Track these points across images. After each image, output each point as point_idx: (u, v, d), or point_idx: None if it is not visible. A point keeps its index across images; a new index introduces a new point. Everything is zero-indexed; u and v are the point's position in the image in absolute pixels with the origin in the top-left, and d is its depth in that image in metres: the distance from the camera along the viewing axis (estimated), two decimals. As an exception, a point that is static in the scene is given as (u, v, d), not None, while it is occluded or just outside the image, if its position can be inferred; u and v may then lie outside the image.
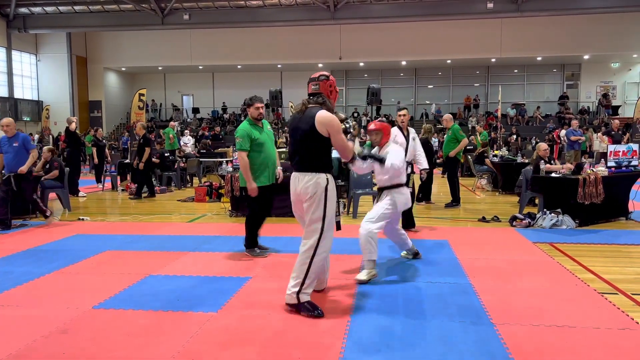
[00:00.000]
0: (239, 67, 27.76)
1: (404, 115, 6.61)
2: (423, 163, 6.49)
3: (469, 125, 25.17)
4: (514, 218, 7.31)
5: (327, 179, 3.76)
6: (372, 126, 5.05)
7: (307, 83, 3.89)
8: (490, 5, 20.33)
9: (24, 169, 7.25)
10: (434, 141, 20.58)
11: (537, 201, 8.35)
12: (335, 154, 12.90)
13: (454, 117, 24.47)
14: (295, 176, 3.81)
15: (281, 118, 27.51)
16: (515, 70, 28.16)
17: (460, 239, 6.33)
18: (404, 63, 27.26)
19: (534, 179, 7.78)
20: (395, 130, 6.25)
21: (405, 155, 5.85)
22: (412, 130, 6.59)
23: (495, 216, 7.75)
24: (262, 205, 5.40)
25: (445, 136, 9.80)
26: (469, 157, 13.44)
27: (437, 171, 15.89)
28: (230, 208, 8.27)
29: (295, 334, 3.33)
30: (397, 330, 3.36)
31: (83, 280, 4.59)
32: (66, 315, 3.66)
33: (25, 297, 4.12)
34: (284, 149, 13.82)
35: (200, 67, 28.00)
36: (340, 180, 10.52)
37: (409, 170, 6.29)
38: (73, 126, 11.33)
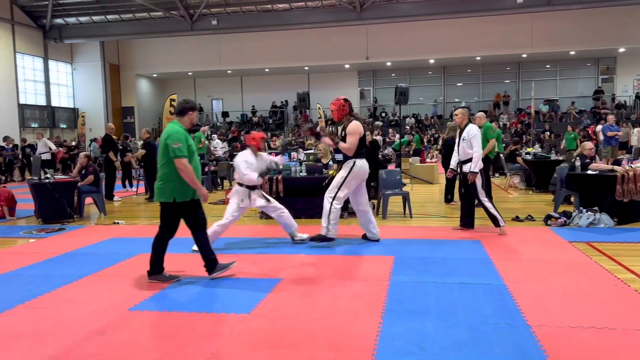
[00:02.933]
0: (266, 70, 27.98)
1: (456, 115, 6.81)
2: (451, 163, 6.87)
3: (500, 123, 24.72)
4: (548, 217, 7.14)
5: None
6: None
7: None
8: (520, 0, 19.92)
9: None
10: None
11: (572, 199, 8.14)
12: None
13: (485, 114, 24.11)
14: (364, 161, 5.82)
15: (309, 120, 27.60)
16: (548, 66, 27.50)
17: (493, 238, 6.21)
18: (432, 61, 26.96)
19: (569, 176, 7.58)
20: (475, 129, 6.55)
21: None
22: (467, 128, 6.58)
23: (529, 215, 7.58)
24: (183, 223, 4.71)
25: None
26: (501, 155, 13.20)
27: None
28: (259, 210, 8.32)
29: (326, 335, 3.32)
30: (429, 332, 3.32)
31: (118, 282, 4.70)
32: (103, 317, 3.75)
33: (64, 300, 4.24)
34: (312, 151, 13.85)
35: (229, 72, 28.33)
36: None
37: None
38: (145, 133, 11.66)
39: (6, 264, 5.46)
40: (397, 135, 20.99)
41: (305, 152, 12.65)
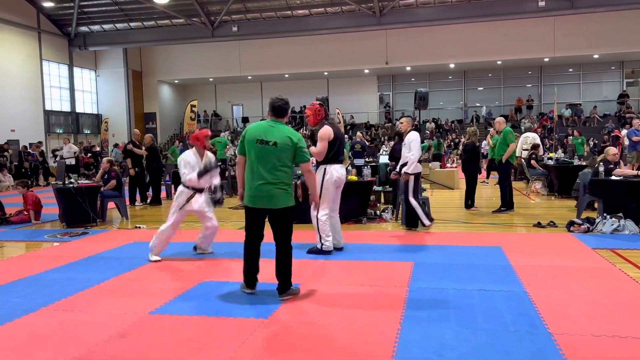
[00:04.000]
0: (286, 75, 28.15)
1: (402, 123, 7.55)
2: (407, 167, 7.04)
3: (522, 128, 24.42)
4: (571, 223, 7.01)
5: None
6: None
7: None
8: (542, 3, 19.67)
9: None
10: (485, 144, 20.07)
11: (596, 205, 7.99)
12: (383, 159, 12.77)
13: (506, 119, 23.82)
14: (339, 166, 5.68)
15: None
16: (570, 70, 27.10)
17: (514, 244, 6.13)
18: (452, 66, 26.80)
19: (592, 182, 7.45)
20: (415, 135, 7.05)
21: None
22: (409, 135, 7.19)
23: (551, 221, 7.46)
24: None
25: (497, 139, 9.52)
26: (523, 160, 13.02)
27: (487, 176, 15.49)
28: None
29: (344, 341, 3.32)
30: (448, 339, 3.29)
31: (140, 286, 4.76)
32: (124, 321, 3.80)
33: (87, 303, 4.31)
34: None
35: (249, 78, 28.58)
36: (388, 186, 10.45)
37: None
38: (149, 140, 11.75)
39: (31, 267, 5.59)
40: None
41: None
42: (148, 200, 11.39)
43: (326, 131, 5.69)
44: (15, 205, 9.88)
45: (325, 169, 5.72)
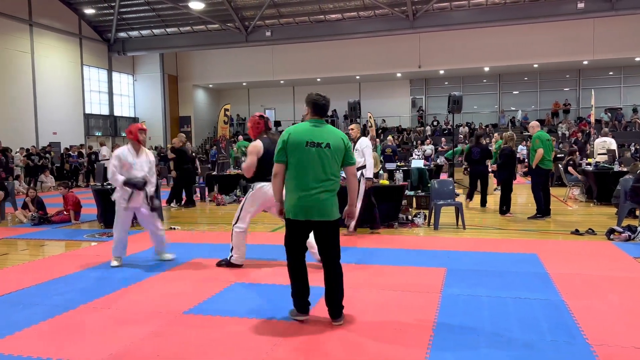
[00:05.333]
0: (318, 80, 28.26)
1: (352, 129, 7.65)
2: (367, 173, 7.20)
3: (559, 132, 23.82)
4: (611, 231, 6.79)
5: None
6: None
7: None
8: (581, 5, 19.15)
9: None
10: (522, 149, 19.66)
11: (638, 213, 7.71)
12: (415, 163, 12.71)
13: (542, 123, 23.28)
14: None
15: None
16: (610, 73, 26.29)
17: (551, 252, 5.98)
18: (487, 69, 26.39)
19: (634, 188, 7.20)
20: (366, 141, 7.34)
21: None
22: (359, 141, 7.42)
23: (589, 229, 7.24)
24: None
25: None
26: (560, 165, 12.69)
27: (524, 180, 15.17)
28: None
29: (376, 346, 3.30)
30: (482, 348, 3.24)
31: (174, 286, 4.86)
32: (159, 320, 3.88)
33: (123, 301, 4.43)
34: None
35: (282, 82, 28.82)
36: (420, 191, 10.36)
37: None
38: (177, 142, 11.89)
39: (71, 265, 5.77)
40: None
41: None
42: (182, 202, 11.58)
43: (255, 145, 5.18)
44: (56, 205, 10.22)
45: (253, 187, 5.38)
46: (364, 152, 7.30)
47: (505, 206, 9.02)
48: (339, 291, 3.71)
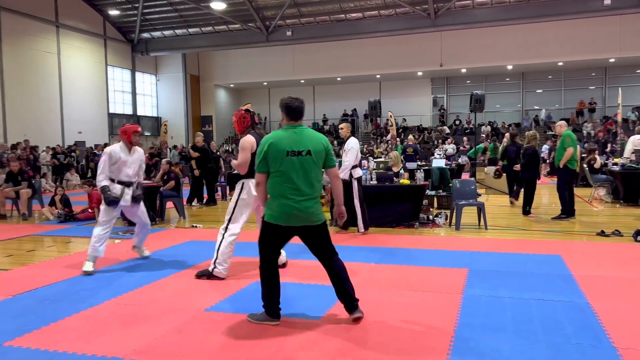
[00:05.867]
0: (338, 79, 28.24)
1: (342, 129, 7.67)
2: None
3: (584, 132, 23.37)
4: (638, 232, 6.64)
5: None
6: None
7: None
8: (607, 1, 18.71)
9: None
10: (545, 148, 19.33)
11: (666, 214, 7.52)
12: (436, 163, 12.60)
13: (567, 122, 22.84)
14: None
15: (379, 128, 27.50)
16: (638, 71, 25.66)
17: (575, 254, 5.87)
18: (510, 67, 26.01)
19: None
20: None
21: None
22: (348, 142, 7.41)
23: (616, 230, 7.09)
24: None
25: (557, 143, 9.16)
26: (585, 165, 12.45)
27: (548, 180, 14.92)
28: (330, 217, 8.39)
29: (397, 347, 3.29)
30: (504, 350, 3.20)
31: (195, 284, 4.91)
32: (180, 317, 3.93)
33: (146, 298, 4.49)
34: (381, 159, 13.80)
35: (302, 81, 28.87)
36: (441, 191, 10.28)
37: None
38: (200, 140, 11.98)
39: (97, 262, 5.87)
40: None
41: (375, 160, 12.61)
42: (204, 201, 11.69)
43: (248, 140, 4.89)
44: (82, 203, 10.42)
45: (243, 184, 5.03)
46: (348, 153, 7.34)
47: (528, 206, 8.89)
48: (348, 285, 3.73)
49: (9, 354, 3.30)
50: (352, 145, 7.35)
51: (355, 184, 7.31)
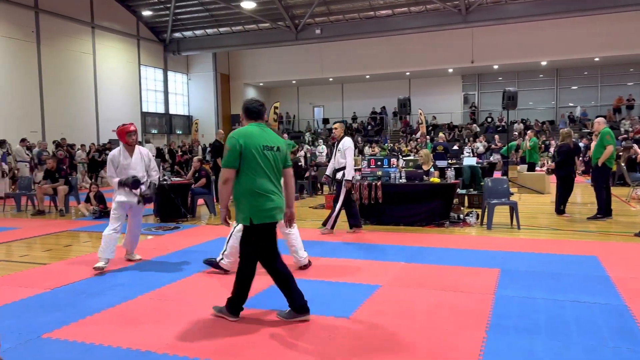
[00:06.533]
0: (367, 77, 28.12)
1: (335, 129, 7.51)
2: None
3: (622, 129, 22.65)
4: (680, 234, 6.40)
5: None
6: None
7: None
8: (647, -6, 18.08)
9: None
10: (581, 146, 18.82)
11: None
12: (467, 161, 12.42)
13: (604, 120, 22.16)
14: None
15: (409, 125, 27.26)
16: (680, 66, 24.72)
17: (612, 254, 5.70)
18: (544, 63, 25.40)
19: None
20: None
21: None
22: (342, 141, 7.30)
23: (655, 231, 6.85)
24: None
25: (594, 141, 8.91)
26: (622, 164, 12.08)
27: (583, 179, 14.53)
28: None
29: (426, 346, 3.26)
30: (538, 352, 3.13)
31: (226, 280, 4.96)
32: (212, 311, 3.99)
33: (178, 292, 4.58)
34: (411, 157, 13.68)
35: (331, 79, 28.87)
36: (472, 189, 10.13)
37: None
38: (221, 136, 12.19)
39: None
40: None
41: (404, 158, 12.52)
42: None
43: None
44: (116, 200, 10.67)
45: None
46: (346, 152, 7.20)
47: (562, 205, 8.68)
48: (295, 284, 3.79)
49: (46, 346, 3.41)
50: (349, 145, 7.26)
51: (344, 184, 7.22)
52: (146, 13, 24.54)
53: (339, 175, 7.26)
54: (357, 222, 7.50)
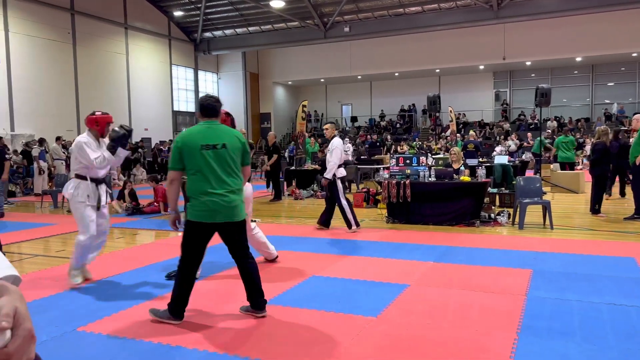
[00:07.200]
0: (396, 74, 27.90)
1: (326, 129, 7.74)
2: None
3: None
4: None
5: None
6: None
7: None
8: (689, -14, 17.38)
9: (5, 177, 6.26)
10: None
11: None
12: (498, 159, 12.18)
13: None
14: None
15: (438, 124, 26.92)
16: None
17: (651, 257, 5.51)
18: (578, 59, 24.71)
19: None
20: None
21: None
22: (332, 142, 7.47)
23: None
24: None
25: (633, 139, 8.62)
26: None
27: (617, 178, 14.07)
28: (387, 214, 8.33)
29: (456, 347, 3.22)
30: (572, 355, 3.05)
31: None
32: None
33: (208, 290, 4.64)
34: (440, 156, 13.52)
35: (359, 77, 28.77)
36: (504, 188, 9.94)
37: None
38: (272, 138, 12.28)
39: (161, 253, 6.13)
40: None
41: (434, 156, 12.37)
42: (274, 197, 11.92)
43: None
44: (147, 197, 10.90)
45: None
46: (332, 152, 7.34)
47: (597, 205, 8.44)
48: (259, 283, 3.78)
49: (82, 339, 3.51)
50: (336, 145, 7.39)
51: (339, 183, 7.35)
52: (177, 13, 24.95)
53: (329, 175, 7.41)
54: (327, 222, 7.68)
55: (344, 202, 7.34)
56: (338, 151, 7.36)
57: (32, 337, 0.78)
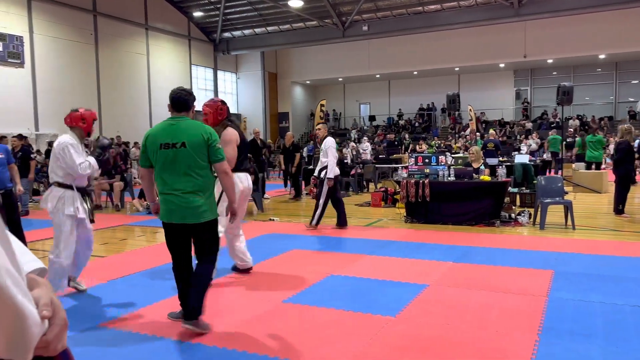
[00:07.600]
0: (414, 73, 27.72)
1: (318, 129, 7.84)
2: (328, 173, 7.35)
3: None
4: None
5: None
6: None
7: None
8: None
9: (21, 188, 6.17)
10: (638, 143, 17.87)
11: None
12: (519, 159, 12.06)
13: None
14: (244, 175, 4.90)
15: (458, 122, 26.70)
16: None
17: (677, 258, 5.38)
18: (602, 57, 24.24)
19: None
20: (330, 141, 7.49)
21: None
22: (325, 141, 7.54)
23: None
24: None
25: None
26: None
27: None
28: (405, 214, 8.29)
29: (475, 347, 3.19)
30: (595, 357, 3.00)
31: (274, 275, 5.05)
32: (261, 306, 4.06)
33: (227, 288, 4.68)
34: (460, 155, 13.39)
35: (377, 76, 28.66)
36: (524, 188, 9.81)
37: None
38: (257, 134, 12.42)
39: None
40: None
41: (453, 155, 12.27)
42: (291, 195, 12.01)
43: (230, 132, 4.68)
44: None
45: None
46: (327, 152, 7.40)
47: (621, 205, 8.28)
48: (199, 293, 3.51)
49: (102, 335, 3.57)
50: (330, 144, 7.49)
51: (326, 182, 7.39)
52: (197, 14, 25.17)
53: (322, 174, 7.48)
54: (343, 222, 7.69)
55: (322, 201, 7.48)
56: (333, 150, 7.51)
57: (66, 325, 0.81)
